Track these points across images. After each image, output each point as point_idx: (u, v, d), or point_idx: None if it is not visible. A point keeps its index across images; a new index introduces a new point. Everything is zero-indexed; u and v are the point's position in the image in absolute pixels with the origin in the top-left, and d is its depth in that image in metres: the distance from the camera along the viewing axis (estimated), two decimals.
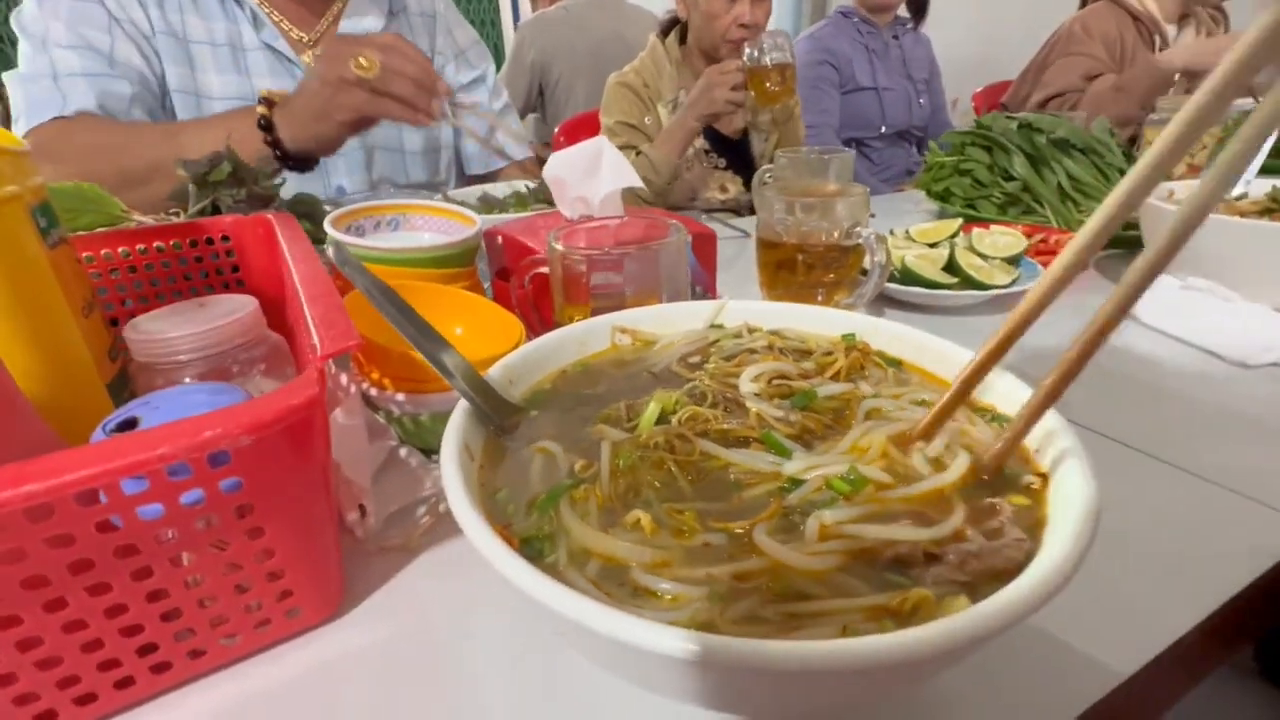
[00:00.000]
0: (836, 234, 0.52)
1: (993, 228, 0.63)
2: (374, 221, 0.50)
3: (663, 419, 0.26)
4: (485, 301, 0.42)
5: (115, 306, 0.43)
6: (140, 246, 0.44)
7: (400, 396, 0.35)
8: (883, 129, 1.63)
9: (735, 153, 1.37)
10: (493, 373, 0.28)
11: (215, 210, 0.53)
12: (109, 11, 0.73)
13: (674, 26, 1.37)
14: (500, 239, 0.51)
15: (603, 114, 1.33)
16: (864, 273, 0.53)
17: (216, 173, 0.52)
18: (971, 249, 0.59)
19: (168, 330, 0.33)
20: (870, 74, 1.60)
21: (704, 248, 0.50)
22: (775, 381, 0.27)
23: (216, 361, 0.35)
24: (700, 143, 1.31)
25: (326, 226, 0.45)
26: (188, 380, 0.34)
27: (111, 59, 0.72)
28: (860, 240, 0.51)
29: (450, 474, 0.20)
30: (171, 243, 0.46)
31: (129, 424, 0.23)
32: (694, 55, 1.35)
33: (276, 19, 0.81)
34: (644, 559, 0.19)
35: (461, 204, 0.71)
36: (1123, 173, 0.73)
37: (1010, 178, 0.82)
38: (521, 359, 0.29)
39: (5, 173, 0.29)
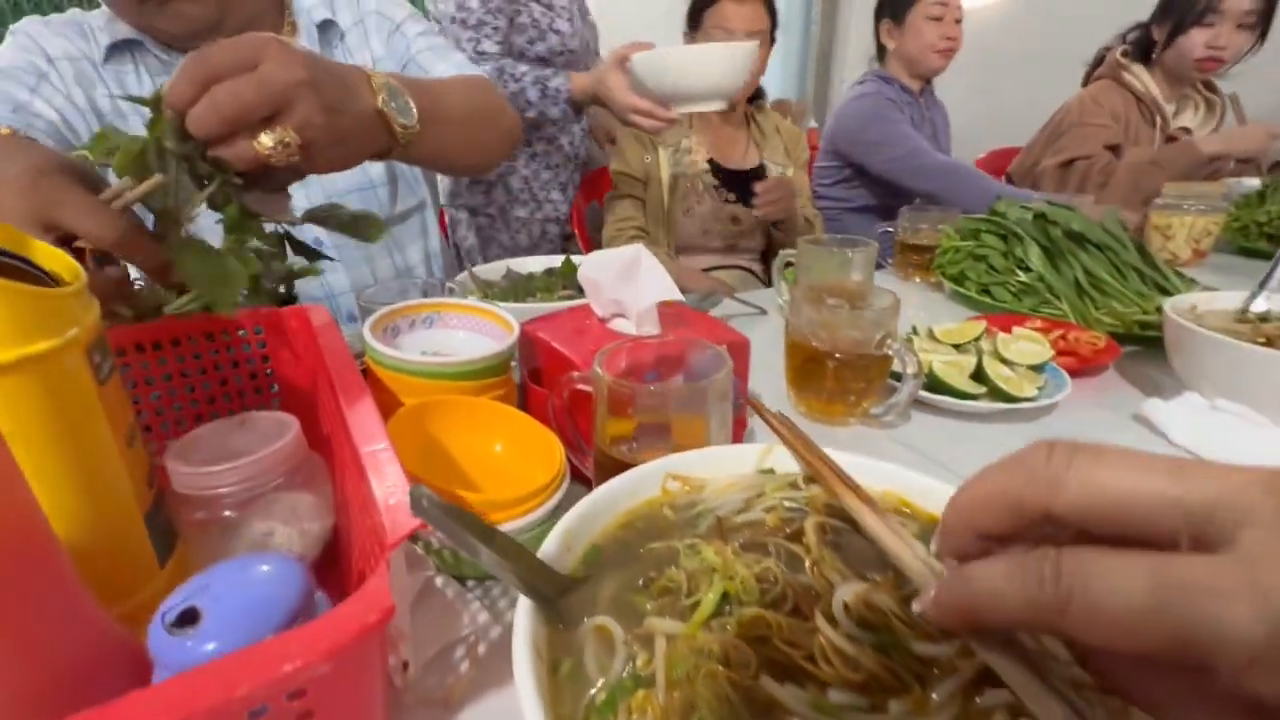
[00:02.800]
0: (868, 344, 0.52)
1: (1015, 331, 0.64)
2: (409, 321, 0.50)
3: (725, 597, 0.25)
4: (521, 417, 0.42)
5: (147, 412, 0.43)
6: (174, 339, 0.44)
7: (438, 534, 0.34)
8: (916, 200, 1.66)
9: (745, 185, 1.39)
10: (549, 546, 0.27)
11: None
12: (40, 72, 0.72)
13: None
14: (534, 341, 0.51)
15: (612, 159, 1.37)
16: (896, 376, 0.53)
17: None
18: (998, 356, 0.59)
19: (210, 464, 0.33)
20: None
21: (737, 357, 0.50)
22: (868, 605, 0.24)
23: (258, 489, 0.34)
24: (709, 177, 1.34)
25: (366, 334, 0.44)
26: (227, 513, 0.34)
27: (27, 110, 0.70)
28: (891, 352, 0.52)
29: (526, 690, 0.20)
30: (205, 334, 0.46)
31: (189, 616, 0.22)
32: None
33: None
34: None
35: (487, 285, 0.71)
36: (1137, 270, 0.75)
37: (1026, 267, 0.83)
38: (578, 520, 0.29)
39: (66, 313, 0.29)
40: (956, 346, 0.62)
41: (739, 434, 0.53)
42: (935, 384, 0.56)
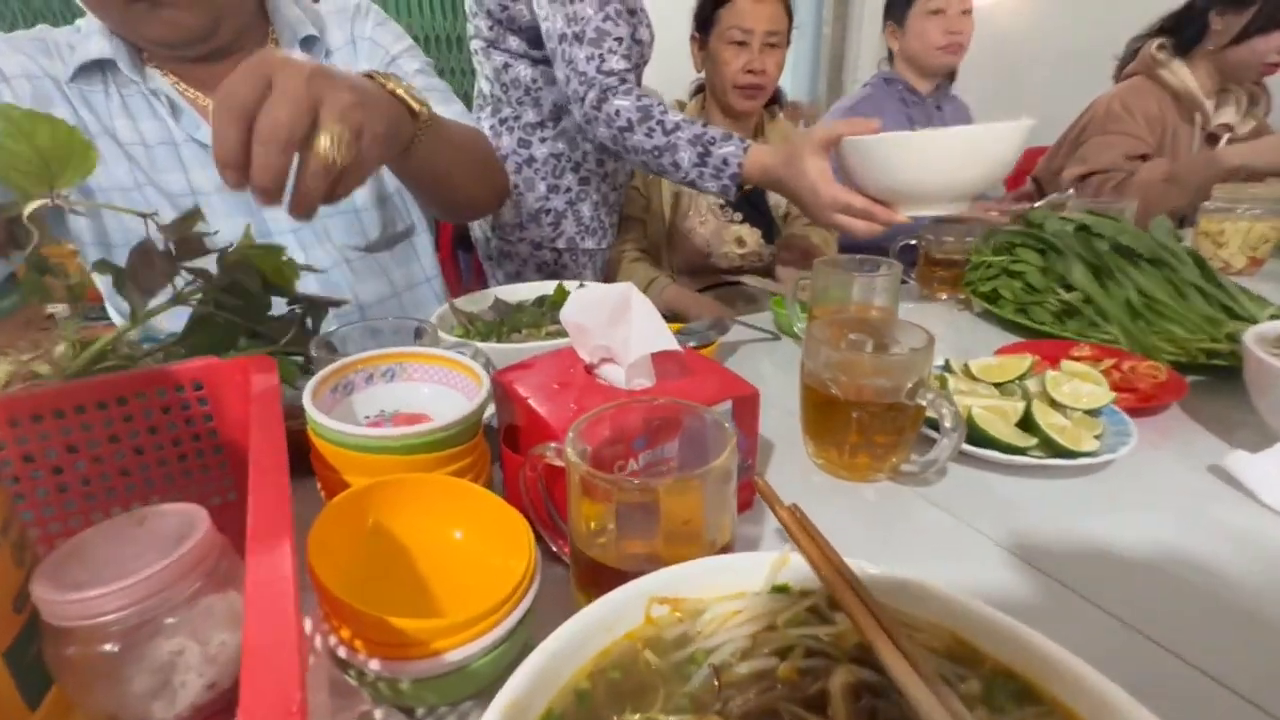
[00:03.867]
0: (897, 392, 0.45)
1: (1064, 365, 0.56)
2: (365, 374, 0.44)
3: None
4: (486, 497, 0.35)
5: (47, 490, 0.37)
6: (99, 402, 0.38)
7: (375, 664, 0.28)
8: None
9: (750, 204, 1.32)
10: None
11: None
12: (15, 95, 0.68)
13: (698, 93, 1.35)
14: (508, 394, 0.44)
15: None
16: (932, 424, 0.45)
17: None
18: (1047, 398, 0.51)
19: (87, 586, 0.27)
20: None
21: (745, 410, 0.43)
22: None
23: (153, 612, 0.28)
24: (713, 197, 1.26)
25: (306, 399, 0.38)
26: (108, 647, 0.27)
27: None
28: (925, 403, 0.44)
29: None
30: (136, 394, 0.40)
31: None
32: (713, 108, 1.32)
33: (191, 96, 0.74)
34: None
35: (471, 319, 0.65)
36: (1198, 288, 0.66)
37: (1068, 285, 0.75)
38: (531, 683, 0.22)
39: None
40: (998, 385, 0.54)
41: (746, 499, 0.46)
42: (977, 435, 0.48)
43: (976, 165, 0.66)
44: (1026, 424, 0.49)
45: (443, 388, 0.45)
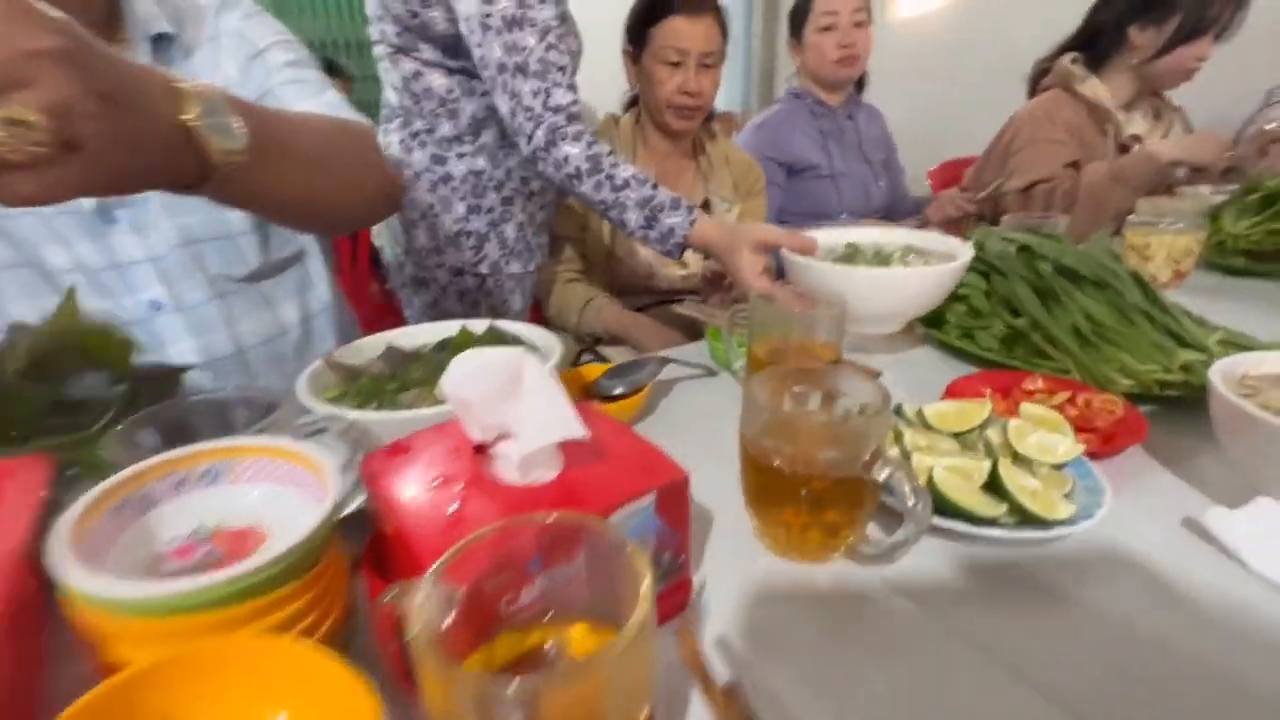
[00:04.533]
0: (851, 463, 0.38)
1: (1024, 409, 0.51)
2: (177, 479, 0.33)
3: None
4: (327, 661, 0.26)
5: None
6: None
7: None
8: (841, 215, 1.56)
9: None
10: None
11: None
12: None
13: (634, 105, 1.28)
14: (373, 492, 0.35)
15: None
16: (887, 489, 0.38)
17: None
18: (1010, 450, 0.46)
19: None
20: (826, 160, 1.53)
21: (673, 500, 0.35)
22: None
23: None
24: None
25: (55, 543, 0.27)
26: None
27: None
28: (883, 477, 0.37)
29: None
30: None
31: None
32: (648, 125, 1.25)
33: None
34: None
35: (353, 375, 0.54)
36: (1146, 314, 0.63)
37: (1013, 308, 0.71)
38: None
39: None
40: (958, 436, 0.49)
41: (677, 603, 0.38)
42: (942, 503, 0.42)
43: (912, 301, 0.68)
44: (993, 484, 0.43)
45: (285, 487, 0.35)
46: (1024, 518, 0.41)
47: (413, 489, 0.33)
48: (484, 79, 0.92)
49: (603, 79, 1.55)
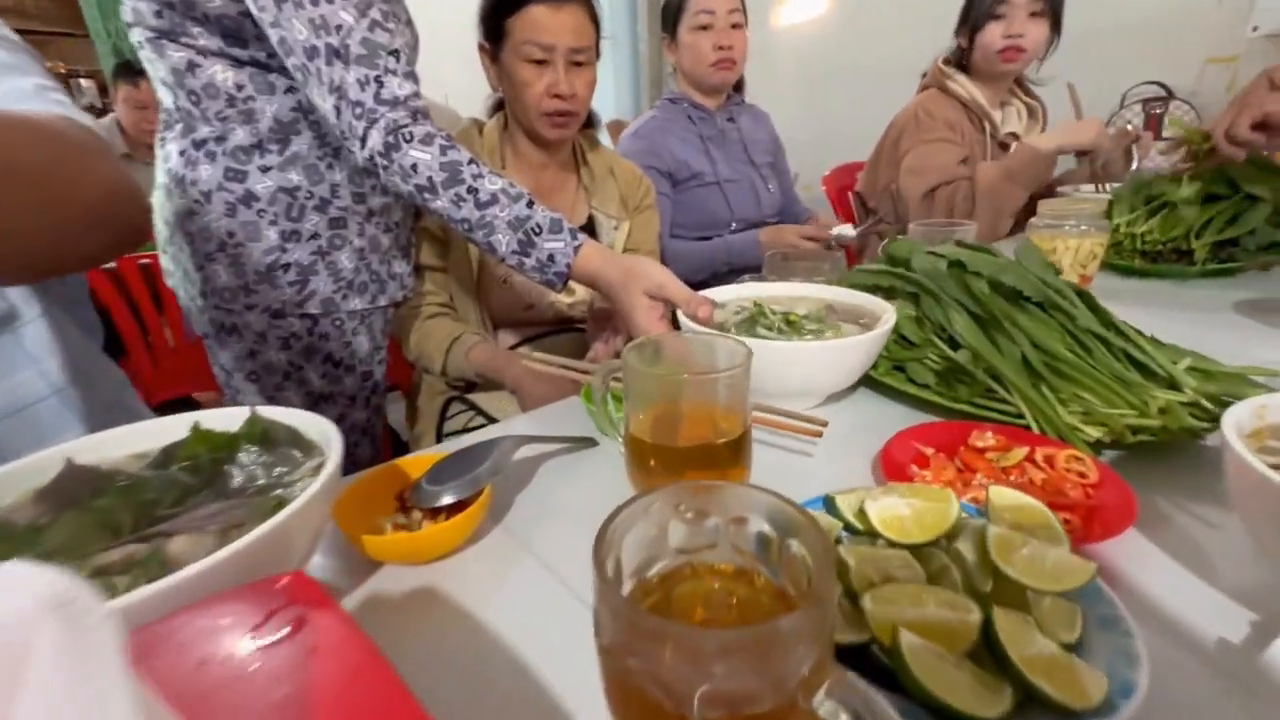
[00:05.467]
0: (779, 693, 0.21)
1: (996, 495, 0.37)
2: None
3: None
4: None
5: None
6: None
7: None
8: (733, 224, 1.44)
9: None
10: None
11: None
12: None
13: (500, 109, 1.08)
14: None
15: None
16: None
17: None
18: (995, 571, 0.31)
19: None
20: (710, 166, 1.41)
21: None
22: None
23: None
24: None
25: None
26: None
27: None
28: (825, 714, 0.21)
29: None
30: None
31: None
32: (518, 135, 1.06)
33: None
34: None
35: None
36: (1102, 339, 0.52)
37: (951, 339, 0.58)
38: None
39: None
40: (915, 550, 0.34)
41: None
42: (914, 690, 0.26)
43: (830, 373, 0.59)
44: (986, 644, 0.28)
45: None
46: (1041, 702, 0.26)
47: None
48: (290, 70, 0.70)
49: (464, 83, 1.36)
